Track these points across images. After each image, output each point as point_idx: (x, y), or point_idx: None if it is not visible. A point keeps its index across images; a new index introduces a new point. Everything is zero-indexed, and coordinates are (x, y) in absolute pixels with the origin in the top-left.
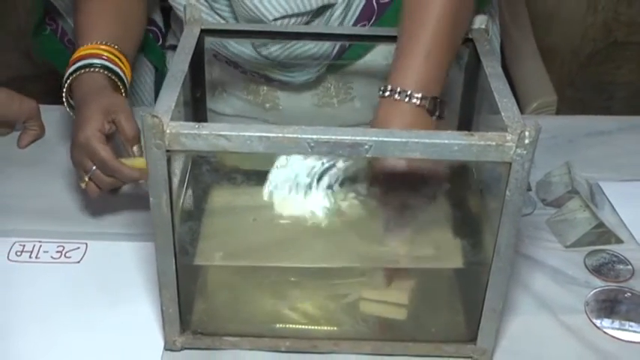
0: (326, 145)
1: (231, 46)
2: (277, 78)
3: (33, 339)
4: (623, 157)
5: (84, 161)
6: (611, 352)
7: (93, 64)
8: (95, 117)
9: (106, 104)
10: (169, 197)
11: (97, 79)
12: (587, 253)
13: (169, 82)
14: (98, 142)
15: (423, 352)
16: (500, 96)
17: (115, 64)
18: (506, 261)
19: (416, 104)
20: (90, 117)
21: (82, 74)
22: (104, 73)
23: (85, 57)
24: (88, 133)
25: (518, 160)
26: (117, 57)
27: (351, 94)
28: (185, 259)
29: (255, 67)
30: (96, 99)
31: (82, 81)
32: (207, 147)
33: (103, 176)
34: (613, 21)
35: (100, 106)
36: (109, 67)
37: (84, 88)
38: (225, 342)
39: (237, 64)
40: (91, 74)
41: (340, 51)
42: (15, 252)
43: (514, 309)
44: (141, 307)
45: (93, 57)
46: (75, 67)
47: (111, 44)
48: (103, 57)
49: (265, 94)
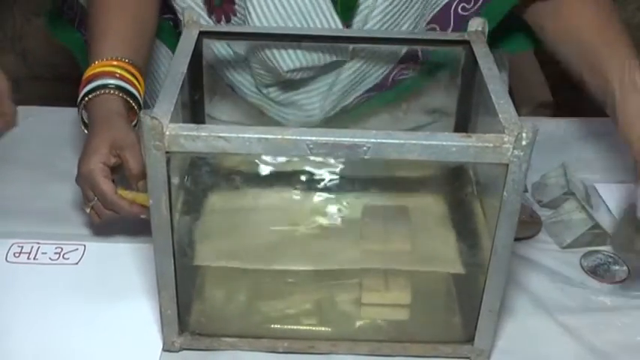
0: (325, 146)
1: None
2: (271, 115)
3: (31, 340)
4: (618, 158)
5: (86, 190)
6: (608, 352)
7: (107, 84)
8: (101, 149)
9: (114, 137)
10: (168, 199)
11: (111, 102)
12: (583, 254)
13: (168, 84)
14: (100, 175)
15: (421, 352)
16: (497, 97)
17: (129, 82)
18: (503, 262)
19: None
20: (96, 148)
21: (97, 96)
22: (119, 95)
23: (99, 76)
24: (91, 165)
25: (516, 161)
26: (131, 73)
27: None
28: (184, 260)
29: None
30: (106, 129)
31: (97, 103)
32: (207, 148)
33: (102, 208)
34: None
35: (108, 139)
36: (123, 88)
37: (98, 112)
38: (224, 343)
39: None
40: (106, 96)
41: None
42: (13, 253)
43: (511, 310)
44: (139, 308)
45: (107, 76)
46: (89, 88)
47: (124, 59)
48: (116, 75)
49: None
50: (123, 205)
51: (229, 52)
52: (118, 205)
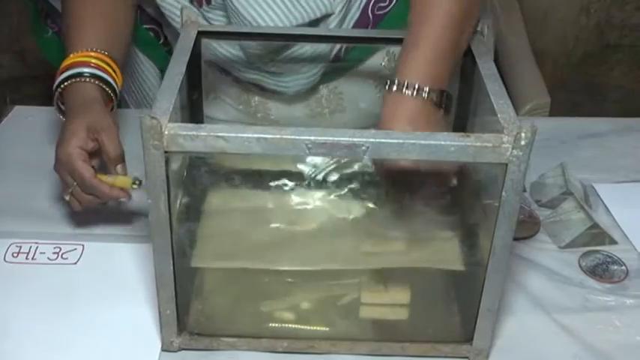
0: (323, 146)
1: (224, 49)
2: (270, 87)
3: (30, 340)
4: (616, 158)
5: (65, 176)
6: (607, 351)
7: (82, 73)
8: (78, 134)
9: (90, 121)
10: (167, 198)
11: (87, 89)
12: (581, 253)
13: (167, 84)
14: (78, 160)
15: (420, 352)
16: (496, 97)
17: (105, 71)
18: (502, 261)
19: (423, 97)
20: (73, 133)
21: (73, 84)
22: (94, 82)
23: (74, 65)
24: (69, 149)
25: (515, 161)
26: (106, 63)
27: (342, 104)
28: (183, 260)
29: (248, 74)
30: (82, 114)
31: (72, 91)
32: (206, 148)
33: (82, 193)
34: (605, 24)
35: (85, 123)
36: (98, 76)
37: (74, 99)
38: (223, 343)
39: (230, 72)
40: (82, 84)
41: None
42: (12, 253)
43: (509, 309)
44: (138, 308)
45: (82, 65)
46: (64, 75)
47: (100, 50)
48: (91, 64)
49: (257, 104)
50: (103, 188)
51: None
52: (97, 189)
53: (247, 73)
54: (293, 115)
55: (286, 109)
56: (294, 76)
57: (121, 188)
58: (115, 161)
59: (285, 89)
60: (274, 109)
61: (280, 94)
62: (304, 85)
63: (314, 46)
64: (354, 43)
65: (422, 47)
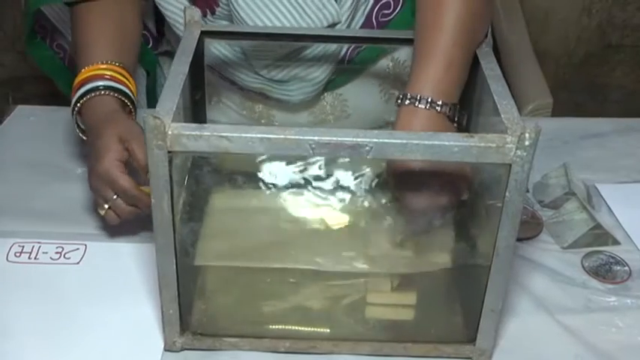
0: (327, 146)
1: (227, 58)
2: (275, 96)
3: (32, 339)
4: (619, 159)
5: (104, 190)
6: (610, 352)
7: (97, 86)
8: (113, 146)
9: (119, 132)
10: (170, 198)
11: (106, 102)
12: (584, 254)
13: (170, 84)
14: (119, 172)
15: (423, 352)
16: (500, 98)
17: (120, 81)
18: (505, 262)
19: (437, 111)
20: (107, 146)
21: (90, 99)
22: (111, 94)
23: (89, 80)
24: (107, 163)
25: (518, 161)
26: (120, 74)
27: (347, 110)
28: (185, 259)
29: (252, 83)
30: (109, 127)
31: (91, 106)
32: (209, 148)
33: (123, 205)
34: (607, 24)
35: (115, 135)
36: (114, 87)
37: (94, 114)
38: (225, 343)
39: (234, 80)
40: (99, 98)
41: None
42: (14, 253)
43: (512, 310)
44: (140, 307)
45: (96, 79)
46: (81, 92)
47: (112, 62)
48: (106, 77)
49: (261, 111)
50: (145, 198)
51: (224, 44)
52: (140, 199)
53: (251, 82)
54: (297, 121)
55: (290, 116)
56: (299, 84)
57: None
58: (147, 168)
59: (289, 98)
60: (278, 115)
61: (285, 103)
62: (309, 94)
63: (319, 48)
64: (359, 42)
65: (433, 58)
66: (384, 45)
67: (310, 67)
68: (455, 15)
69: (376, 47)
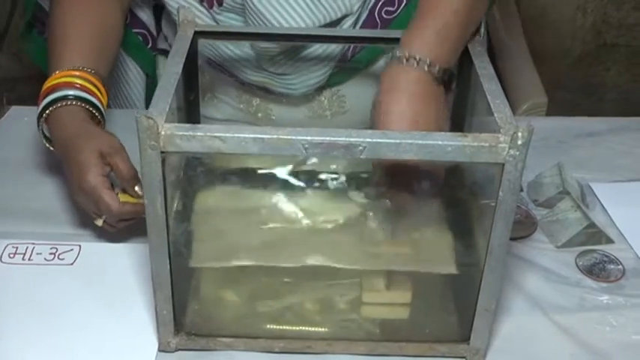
0: (320, 146)
1: (230, 51)
2: (277, 90)
3: (26, 340)
4: (613, 158)
5: (89, 207)
6: (604, 350)
7: (67, 96)
8: (94, 161)
9: (99, 146)
10: (164, 199)
11: (74, 112)
12: (578, 253)
13: (163, 85)
14: (103, 189)
15: (417, 352)
16: (493, 97)
17: (90, 92)
18: (499, 261)
19: (425, 70)
20: (89, 162)
21: (58, 108)
22: (79, 105)
23: (58, 87)
24: (92, 181)
25: (511, 161)
26: (92, 83)
27: (344, 107)
28: (179, 260)
29: (254, 76)
30: (87, 141)
31: (60, 116)
32: (202, 148)
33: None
34: (602, 23)
35: (95, 149)
36: (83, 98)
37: (64, 126)
38: (219, 343)
39: (233, 73)
40: (68, 108)
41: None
42: (8, 254)
43: (507, 309)
44: (135, 308)
45: (66, 87)
46: (49, 99)
47: (85, 69)
48: (76, 86)
49: (258, 104)
50: (132, 211)
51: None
52: (127, 214)
53: (253, 75)
54: (294, 116)
55: (288, 111)
56: (302, 77)
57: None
58: (131, 182)
59: (292, 91)
60: (275, 109)
61: (286, 96)
62: (311, 87)
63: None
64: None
65: (430, 20)
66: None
67: (314, 60)
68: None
69: (376, 47)
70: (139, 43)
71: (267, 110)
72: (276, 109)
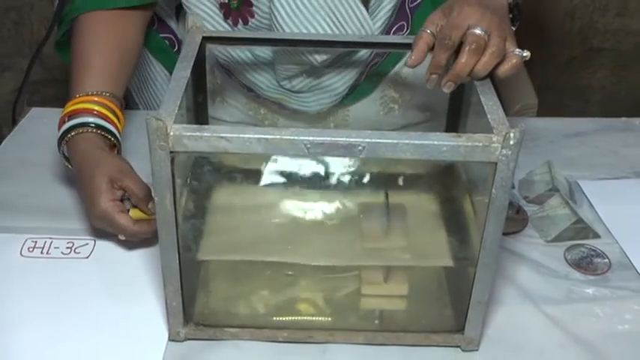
0: (321, 146)
1: (251, 75)
2: (292, 107)
3: (44, 330)
4: (599, 156)
5: (107, 228)
6: (591, 340)
7: (86, 123)
8: (104, 187)
9: (110, 172)
10: (173, 196)
11: (91, 139)
12: (567, 247)
13: (172, 87)
14: (115, 212)
15: (414, 341)
16: (486, 99)
17: (108, 119)
18: (492, 255)
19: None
20: (99, 189)
21: (77, 135)
22: (98, 133)
23: (78, 113)
24: (103, 206)
25: (504, 160)
26: (110, 109)
27: (347, 120)
28: (188, 254)
29: (271, 93)
30: (98, 168)
31: (77, 142)
32: (209, 148)
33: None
34: (589, 29)
35: (106, 175)
36: (101, 126)
37: (80, 151)
38: (226, 333)
39: (252, 88)
40: (84, 135)
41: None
42: (27, 248)
43: (499, 300)
44: (146, 300)
45: (86, 114)
46: (68, 126)
47: (104, 93)
48: (94, 112)
49: (265, 113)
50: (145, 230)
51: (247, 54)
52: (141, 233)
53: (270, 91)
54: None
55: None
56: (318, 95)
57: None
58: (145, 201)
59: (306, 108)
60: (282, 119)
61: (302, 114)
62: (326, 105)
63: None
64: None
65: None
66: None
67: (331, 79)
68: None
69: (394, 55)
70: (165, 47)
71: (273, 118)
72: (282, 119)
